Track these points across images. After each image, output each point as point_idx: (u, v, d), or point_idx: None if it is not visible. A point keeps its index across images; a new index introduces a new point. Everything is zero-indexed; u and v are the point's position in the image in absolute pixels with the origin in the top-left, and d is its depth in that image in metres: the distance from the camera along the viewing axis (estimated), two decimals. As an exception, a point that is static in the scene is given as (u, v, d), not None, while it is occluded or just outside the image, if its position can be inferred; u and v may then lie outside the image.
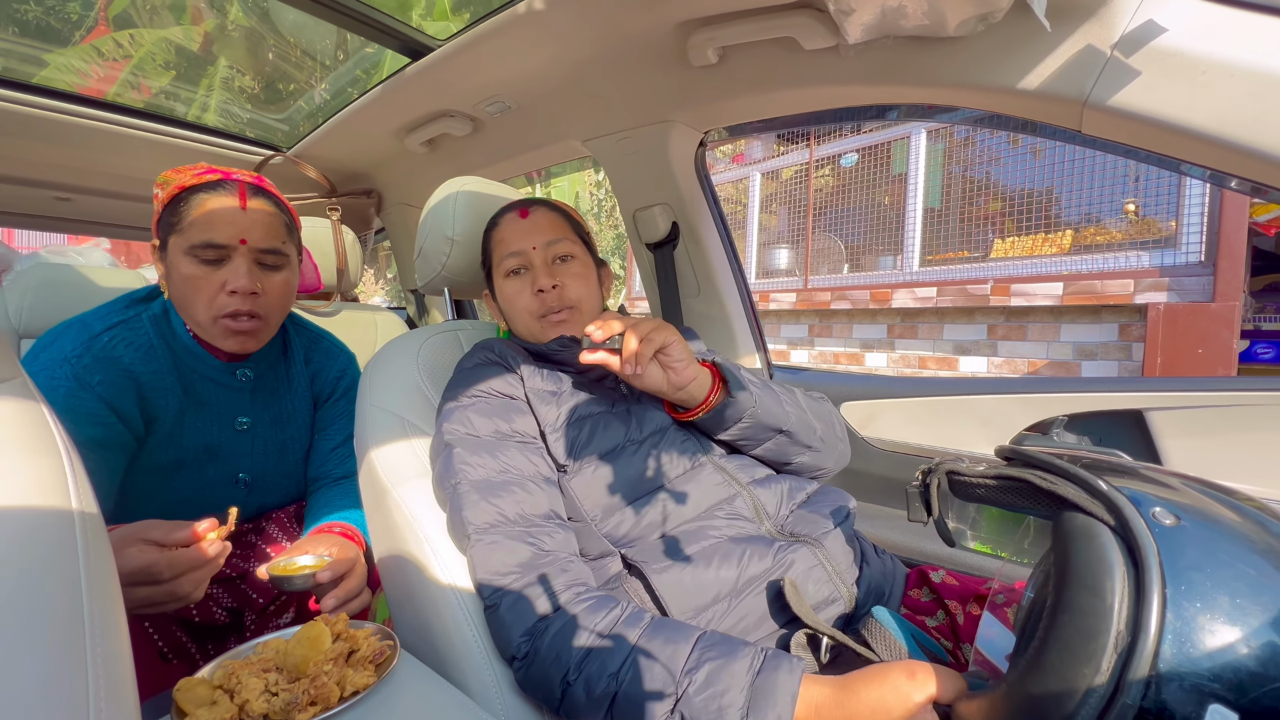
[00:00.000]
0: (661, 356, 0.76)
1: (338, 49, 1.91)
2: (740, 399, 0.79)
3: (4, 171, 1.64)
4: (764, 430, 0.83)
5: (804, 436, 0.85)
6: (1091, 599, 0.41)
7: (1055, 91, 0.80)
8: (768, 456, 0.87)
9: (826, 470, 0.92)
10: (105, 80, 2.25)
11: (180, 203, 0.86)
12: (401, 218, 1.96)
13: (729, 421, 0.81)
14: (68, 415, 0.80)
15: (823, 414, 0.91)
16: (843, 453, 0.94)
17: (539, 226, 0.91)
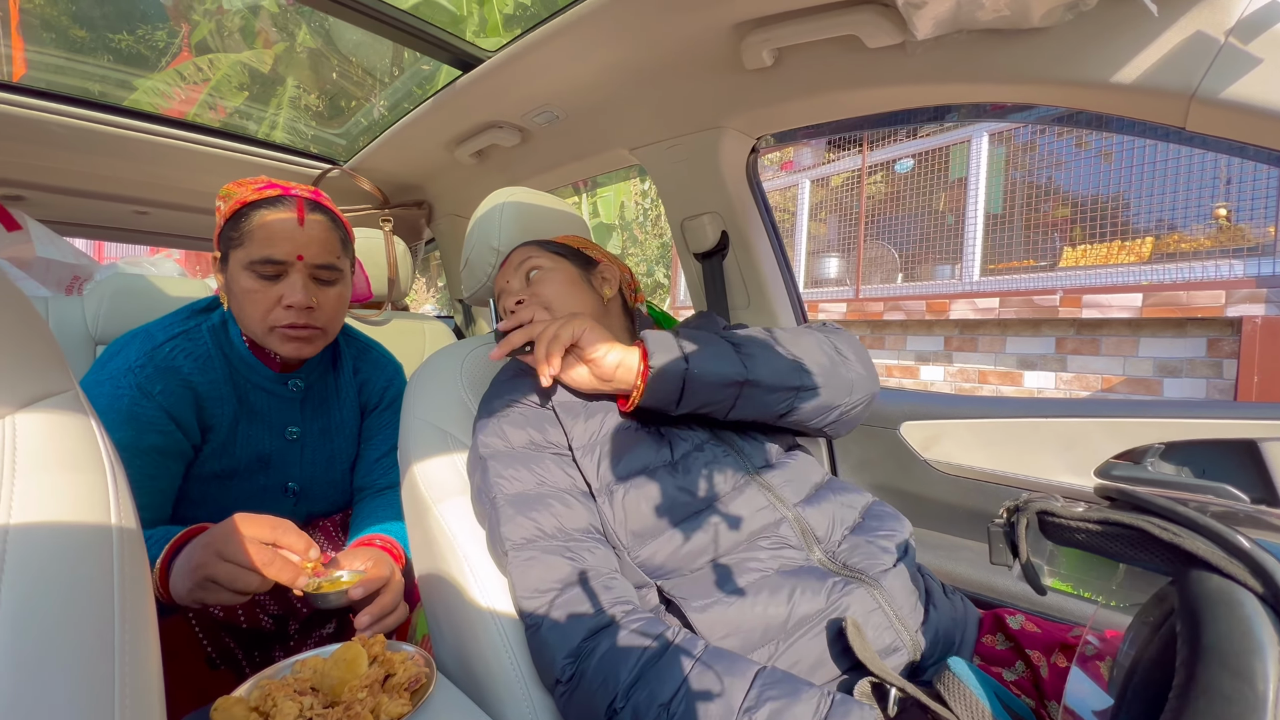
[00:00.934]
0: (578, 351, 0.74)
1: (393, 64, 1.96)
2: (666, 366, 0.71)
3: (90, 187, 1.75)
4: (720, 390, 0.73)
5: (777, 379, 0.75)
6: (1236, 683, 0.34)
7: (1158, 85, 0.71)
8: (763, 417, 0.78)
9: (844, 407, 0.79)
10: (186, 102, 2.39)
11: (241, 218, 0.88)
12: (451, 228, 1.98)
13: (671, 393, 0.72)
14: (131, 423, 0.83)
15: (809, 345, 0.80)
16: (858, 380, 0.80)
17: (513, 262, 0.94)
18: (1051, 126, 4.12)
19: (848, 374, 0.80)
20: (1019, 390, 3.97)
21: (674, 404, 0.74)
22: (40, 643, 0.34)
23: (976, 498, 1.12)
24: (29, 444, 0.42)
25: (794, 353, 0.78)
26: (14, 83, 1.34)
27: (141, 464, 0.83)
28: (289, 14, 3.16)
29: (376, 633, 0.75)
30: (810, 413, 0.78)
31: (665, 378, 0.72)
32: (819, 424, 0.81)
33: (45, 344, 0.48)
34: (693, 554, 0.71)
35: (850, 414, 0.82)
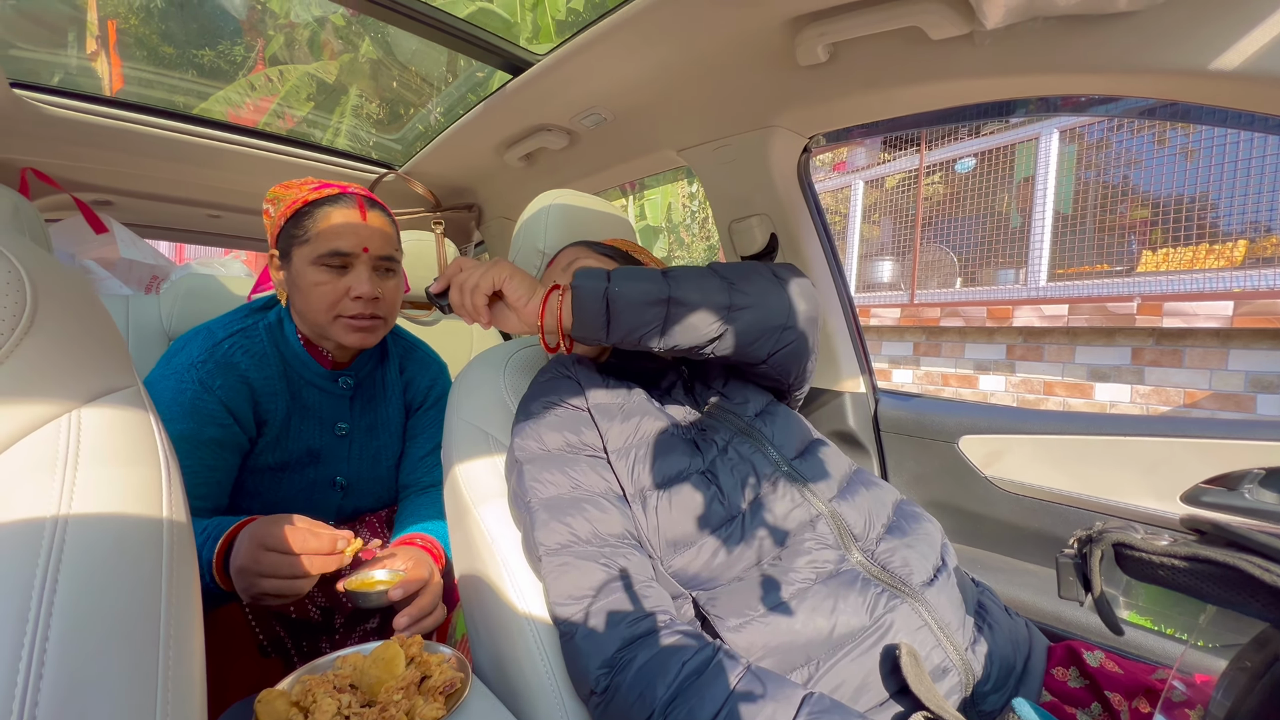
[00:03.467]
0: (504, 297, 0.73)
1: (448, 71, 2.01)
2: (586, 287, 0.69)
3: (169, 193, 1.86)
4: (644, 310, 0.70)
5: (703, 296, 0.71)
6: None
7: (1267, 71, 0.64)
8: (697, 343, 0.73)
9: (783, 331, 0.75)
10: (258, 111, 2.52)
11: (304, 216, 0.92)
12: (500, 230, 2.01)
13: (597, 317, 0.70)
14: (193, 416, 0.86)
15: (743, 268, 0.77)
16: (796, 299, 0.76)
17: (559, 261, 0.95)
18: (1132, 119, 3.85)
19: (784, 293, 0.76)
20: (1089, 403, 3.72)
21: (603, 330, 0.71)
22: (95, 631, 0.35)
23: (1044, 520, 1.04)
24: (92, 438, 0.44)
25: (726, 274, 0.75)
26: (109, 96, 1.44)
27: (202, 455, 0.87)
28: (353, 26, 3.30)
29: (414, 634, 0.76)
30: (747, 336, 0.74)
31: (587, 300, 0.70)
32: (760, 354, 0.76)
33: (113, 342, 0.50)
34: (729, 564, 0.68)
35: (792, 341, 0.76)
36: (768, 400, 0.82)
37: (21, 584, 0.33)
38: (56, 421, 0.43)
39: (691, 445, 0.74)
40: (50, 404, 0.43)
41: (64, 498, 0.40)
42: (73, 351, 0.46)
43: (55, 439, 0.42)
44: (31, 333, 0.43)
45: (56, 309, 0.45)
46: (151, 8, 5.01)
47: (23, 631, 0.32)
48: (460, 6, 5.31)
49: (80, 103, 1.38)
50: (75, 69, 1.50)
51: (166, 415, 0.85)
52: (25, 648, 0.32)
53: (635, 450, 0.73)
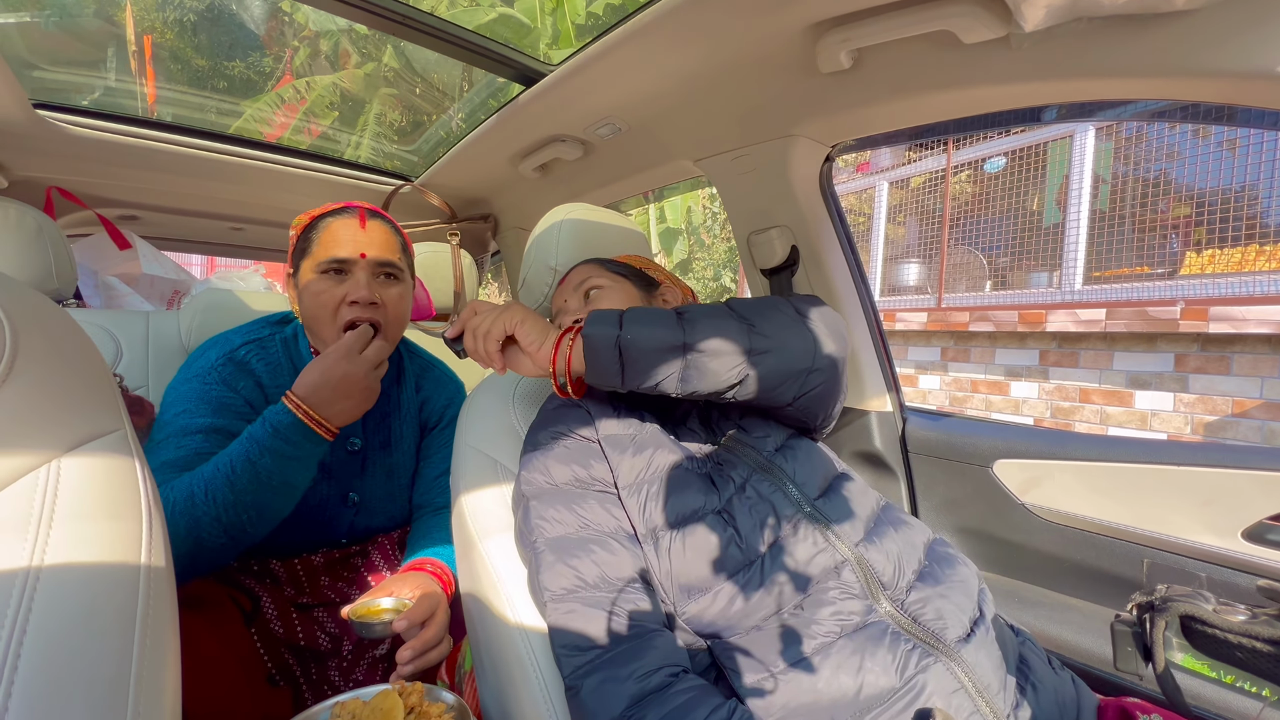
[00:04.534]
0: (517, 341, 0.72)
1: (463, 81, 2.00)
2: (598, 335, 0.67)
3: (193, 207, 1.89)
4: (660, 357, 0.67)
5: (718, 341, 0.67)
6: None
7: (1346, 72, 0.58)
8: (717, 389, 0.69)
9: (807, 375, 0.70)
10: (281, 126, 2.55)
11: (310, 230, 0.93)
12: (515, 241, 2.00)
13: (610, 364, 0.67)
14: (223, 412, 0.87)
15: (762, 306, 0.73)
16: (822, 340, 0.71)
17: (570, 281, 0.92)
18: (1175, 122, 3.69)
19: (808, 333, 0.71)
20: (1128, 411, 3.57)
21: (617, 377, 0.69)
22: (60, 693, 0.34)
23: (1087, 553, 0.98)
24: (70, 491, 0.42)
25: (744, 314, 0.71)
26: (133, 115, 1.46)
27: (226, 442, 0.86)
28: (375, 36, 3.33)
29: (419, 668, 0.73)
30: (769, 381, 0.69)
31: (599, 347, 0.67)
32: (783, 400, 0.72)
33: (100, 382, 0.48)
34: (747, 612, 0.64)
35: (816, 384, 0.71)
36: (789, 434, 0.77)
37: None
38: (35, 474, 0.41)
39: (707, 481, 0.70)
40: (28, 455, 0.41)
41: (35, 558, 0.38)
42: (55, 396, 0.44)
43: (31, 494, 0.41)
44: (11, 379, 0.41)
45: (39, 350, 0.44)
46: (185, 21, 5.13)
47: None
48: (480, 13, 5.32)
49: (105, 122, 1.40)
50: (104, 87, 1.52)
51: (194, 410, 0.85)
52: None
53: (647, 486, 0.69)
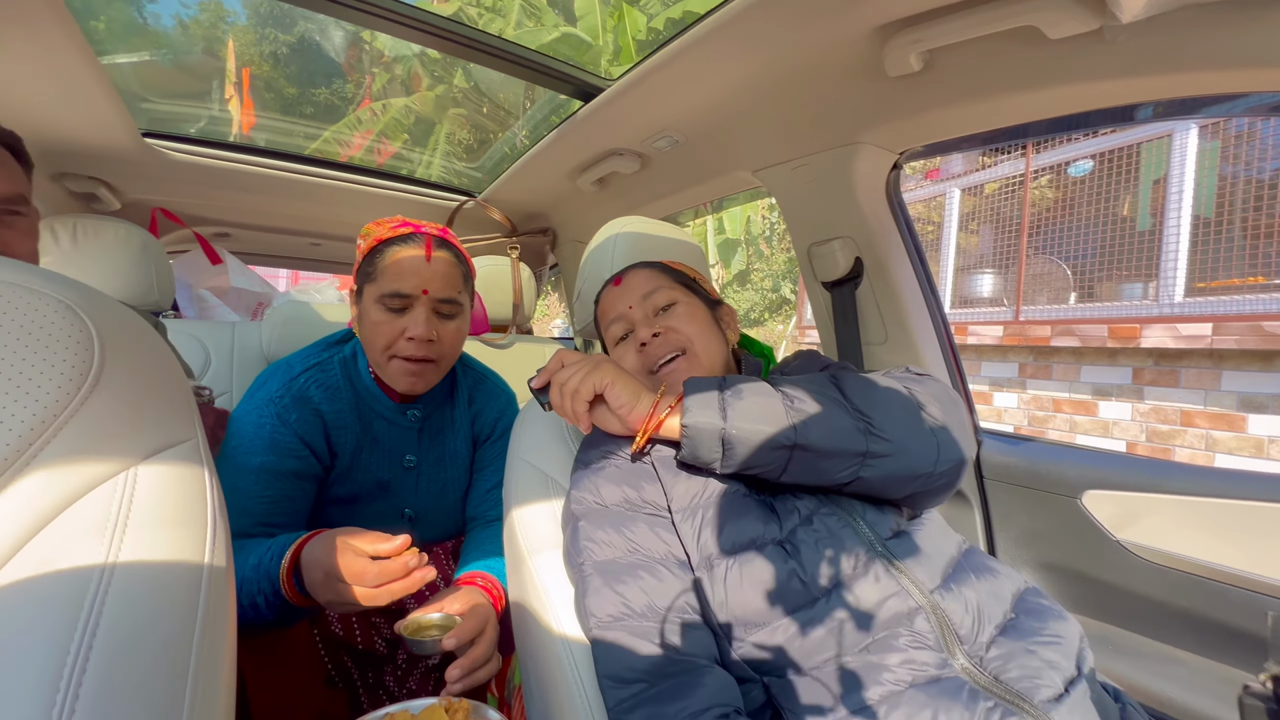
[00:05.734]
0: (606, 400, 0.70)
1: (525, 99, 2.05)
2: (702, 425, 0.63)
3: (277, 224, 2.02)
4: (766, 453, 0.63)
5: (835, 441, 0.62)
6: None
7: None
8: (822, 483, 0.65)
9: (926, 478, 0.64)
10: (356, 147, 2.71)
11: (376, 254, 0.94)
12: (573, 254, 2.02)
13: (711, 452, 0.64)
14: (273, 449, 0.90)
15: (883, 399, 0.66)
16: (946, 444, 0.64)
17: (633, 286, 0.88)
18: None
19: (930, 436, 0.64)
20: (1240, 437, 3.21)
21: (716, 463, 0.66)
22: (126, 679, 0.36)
23: (1197, 599, 0.87)
24: (144, 498, 0.44)
25: (861, 408, 0.64)
26: (227, 141, 1.58)
27: (282, 485, 0.90)
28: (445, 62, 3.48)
29: (468, 686, 0.73)
30: (881, 483, 0.65)
31: (701, 438, 0.64)
32: (894, 495, 0.67)
33: (178, 393, 0.51)
34: (808, 651, 0.59)
35: (935, 486, 0.66)
36: None
37: (60, 641, 0.35)
38: (114, 480, 0.44)
39: (767, 510, 0.66)
40: (109, 462, 0.44)
41: (109, 560, 0.41)
42: (137, 406, 0.47)
43: (110, 500, 0.43)
44: (97, 389, 0.44)
45: (123, 362, 0.46)
46: (279, 54, 5.56)
47: (56, 688, 0.33)
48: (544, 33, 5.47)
49: (204, 148, 1.51)
50: (204, 116, 1.66)
51: (249, 448, 0.89)
52: (59, 701, 0.33)
53: (702, 511, 0.67)
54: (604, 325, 0.91)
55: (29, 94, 1.10)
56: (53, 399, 0.42)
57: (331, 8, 1.02)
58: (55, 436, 0.42)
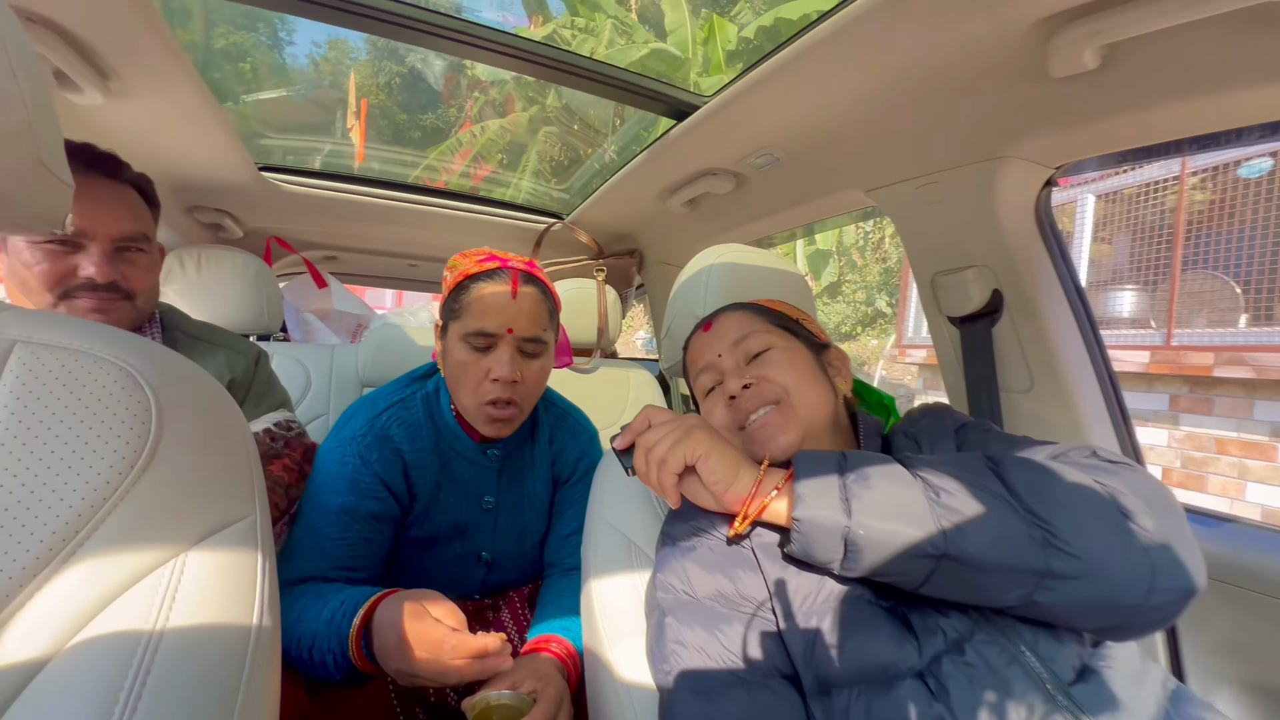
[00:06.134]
0: (698, 473, 0.60)
1: (615, 118, 2.01)
2: (811, 523, 0.52)
3: (379, 247, 2.11)
4: (903, 561, 0.49)
5: (1000, 553, 0.47)
6: None
7: None
8: (980, 603, 0.50)
9: (1134, 609, 0.47)
10: (451, 171, 2.80)
11: (461, 290, 0.90)
12: (660, 275, 1.94)
13: (830, 552, 0.52)
14: (353, 490, 0.88)
15: (1070, 497, 0.49)
16: (1162, 566, 0.47)
17: (723, 331, 0.77)
18: None
19: (1142, 555, 0.47)
20: None
21: (835, 565, 0.53)
22: None
23: None
24: (189, 589, 0.40)
25: (1036, 509, 0.48)
26: (333, 172, 1.65)
27: (360, 528, 0.88)
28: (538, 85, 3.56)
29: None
30: (1064, 611, 0.49)
31: (818, 535, 0.52)
32: (1081, 626, 0.51)
33: (238, 462, 0.46)
34: None
35: (1144, 621, 0.49)
36: None
37: None
38: (159, 571, 0.39)
39: (901, 627, 0.53)
40: (157, 550, 0.40)
41: (143, 659, 0.36)
42: (193, 483, 0.42)
43: (152, 595, 0.39)
44: (153, 465, 0.40)
45: (183, 433, 0.42)
46: (393, 85, 5.96)
47: None
48: (634, 50, 5.50)
49: (312, 179, 1.59)
50: (314, 149, 1.76)
51: (331, 487, 0.88)
52: None
53: (816, 618, 0.54)
54: (692, 374, 0.82)
55: (162, 138, 1.18)
56: (103, 480, 0.38)
57: (434, 41, 1.00)
58: (103, 523, 0.38)
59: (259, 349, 1.11)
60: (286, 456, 0.94)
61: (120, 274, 0.88)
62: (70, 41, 0.85)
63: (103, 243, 0.85)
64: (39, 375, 0.38)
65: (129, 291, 0.89)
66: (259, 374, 1.06)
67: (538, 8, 6.99)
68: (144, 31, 0.84)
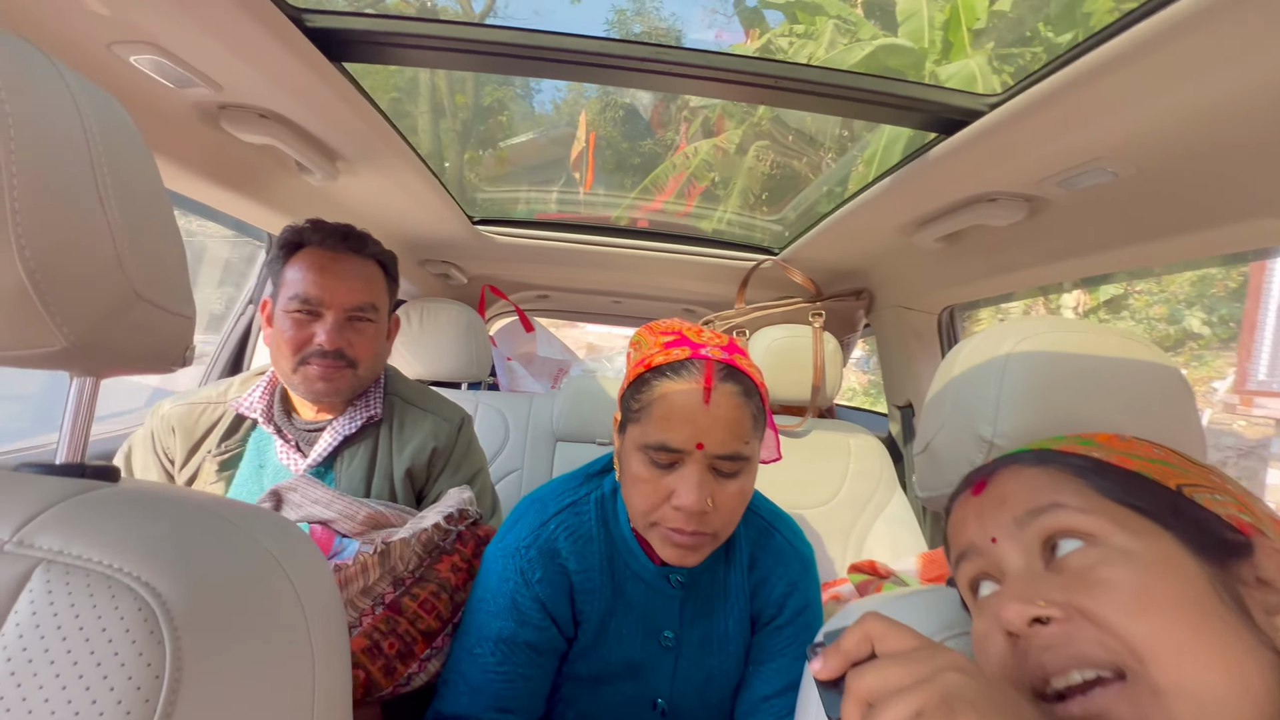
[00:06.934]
0: None
1: (842, 130, 1.69)
2: None
3: (583, 286, 2.11)
4: None
5: None
6: None
7: None
8: None
9: None
10: (667, 193, 2.73)
11: (642, 385, 0.72)
12: (895, 321, 1.57)
13: None
14: (512, 614, 0.75)
15: None
16: None
17: (1005, 497, 0.45)
18: None
19: None
20: None
21: None
22: None
23: None
24: None
25: None
26: (536, 220, 1.66)
27: (516, 660, 0.75)
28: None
29: None
30: None
31: None
32: None
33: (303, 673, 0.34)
34: None
35: None
36: None
37: None
38: None
39: None
40: None
41: None
42: None
43: None
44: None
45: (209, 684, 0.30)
46: (617, 116, 6.29)
47: None
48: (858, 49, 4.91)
49: (519, 229, 1.61)
50: (521, 199, 1.81)
51: (490, 607, 0.76)
52: None
53: None
54: (952, 553, 0.49)
55: (388, 205, 1.28)
56: None
57: (644, 79, 0.87)
58: None
59: (463, 415, 1.11)
60: (456, 554, 0.86)
61: (347, 341, 0.93)
62: (301, 135, 0.91)
63: (336, 312, 0.92)
64: (55, 605, 0.30)
65: (353, 359, 0.95)
66: (460, 440, 1.07)
67: (754, 20, 6.81)
68: (360, 124, 0.90)
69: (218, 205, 1.03)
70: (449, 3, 7.88)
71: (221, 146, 0.88)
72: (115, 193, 0.36)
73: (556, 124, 7.05)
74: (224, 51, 0.65)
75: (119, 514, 0.34)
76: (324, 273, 0.91)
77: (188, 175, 0.89)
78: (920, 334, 1.54)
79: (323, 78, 0.74)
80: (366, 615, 0.78)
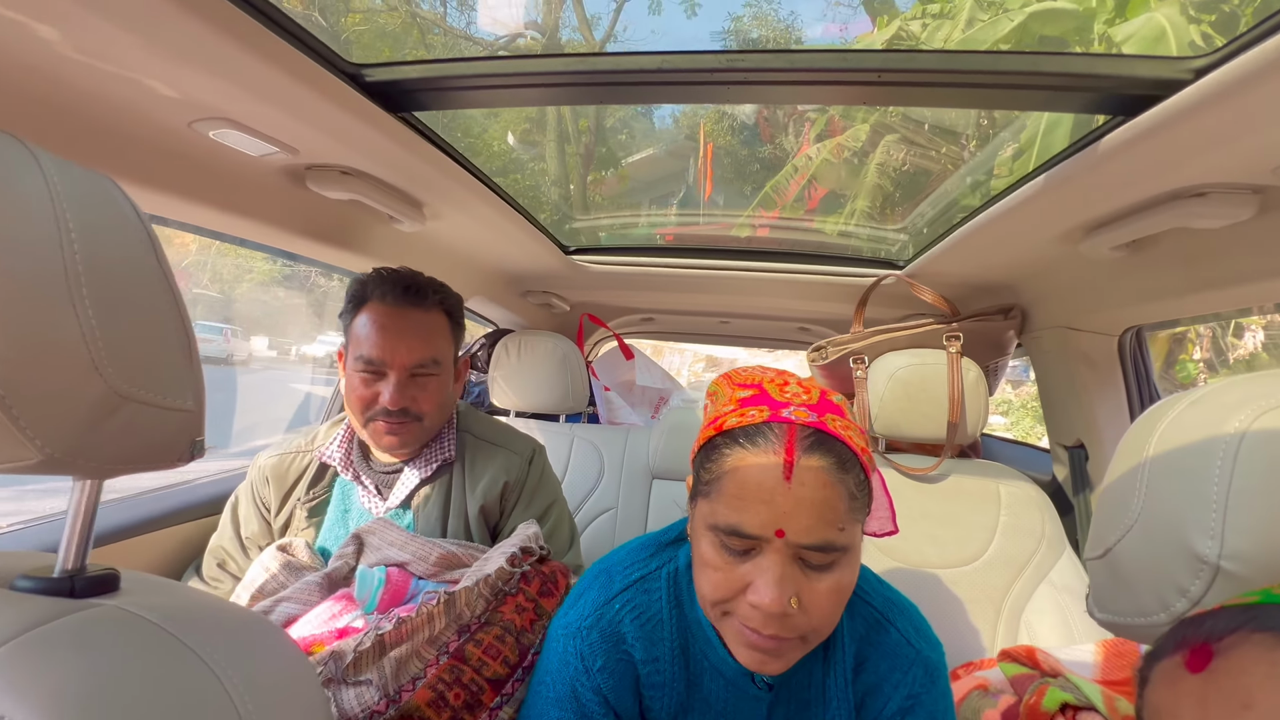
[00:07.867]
0: None
1: (980, 120, 1.43)
2: None
3: (689, 308, 2.03)
4: None
5: None
6: None
7: None
8: None
9: None
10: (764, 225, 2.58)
11: (713, 451, 0.60)
12: (1059, 345, 1.28)
13: None
14: (570, 705, 0.67)
15: None
16: None
17: (1248, 700, 0.30)
18: None
19: None
20: None
21: None
22: None
23: None
24: None
25: None
26: (629, 247, 1.61)
27: None
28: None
29: None
30: None
31: None
32: None
33: None
34: None
35: None
36: None
37: None
38: None
39: None
40: None
41: None
42: None
43: None
44: None
45: None
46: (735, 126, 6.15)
47: None
48: (999, 25, 4.23)
49: (612, 256, 1.56)
50: (618, 226, 1.77)
51: (549, 692, 0.69)
52: None
53: None
54: None
55: (478, 243, 1.29)
56: None
57: (760, 92, 0.77)
58: None
59: (535, 447, 1.09)
60: (520, 593, 0.80)
61: (411, 398, 0.93)
62: (382, 187, 0.93)
63: (398, 372, 0.92)
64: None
65: (418, 414, 0.95)
66: (531, 473, 1.06)
67: (881, 6, 6.29)
68: (431, 170, 0.91)
69: (318, 258, 1.09)
70: (572, 35, 8.27)
71: (314, 204, 0.93)
72: (93, 292, 0.34)
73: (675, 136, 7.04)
74: (289, 118, 0.66)
75: (66, 659, 0.30)
76: (385, 332, 0.91)
77: (285, 234, 0.94)
78: (1094, 361, 1.24)
79: (386, 132, 0.74)
80: (431, 666, 0.75)
